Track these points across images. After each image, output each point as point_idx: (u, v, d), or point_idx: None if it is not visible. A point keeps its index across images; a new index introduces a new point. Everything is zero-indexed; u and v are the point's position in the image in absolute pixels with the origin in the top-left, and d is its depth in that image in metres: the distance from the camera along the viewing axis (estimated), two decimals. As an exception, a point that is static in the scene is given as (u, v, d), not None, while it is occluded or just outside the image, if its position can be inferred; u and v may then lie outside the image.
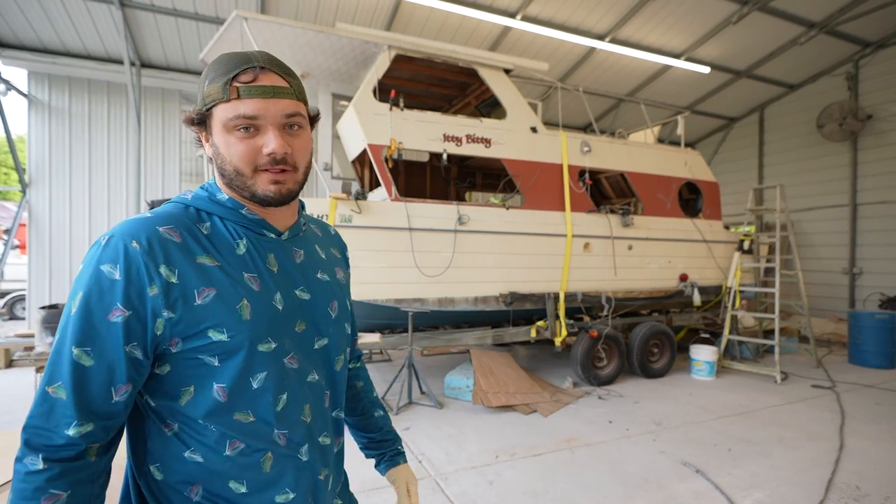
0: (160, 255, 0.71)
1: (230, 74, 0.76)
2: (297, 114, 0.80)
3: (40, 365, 3.94)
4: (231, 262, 0.79)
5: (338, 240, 1.08)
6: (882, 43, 8.27)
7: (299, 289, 0.87)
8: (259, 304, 0.78)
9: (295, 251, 0.89)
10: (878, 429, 3.97)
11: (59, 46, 6.66)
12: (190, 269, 0.74)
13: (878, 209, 8.41)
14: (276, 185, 0.79)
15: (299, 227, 0.92)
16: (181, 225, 0.77)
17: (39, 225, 6.98)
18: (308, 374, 0.86)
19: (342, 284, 0.99)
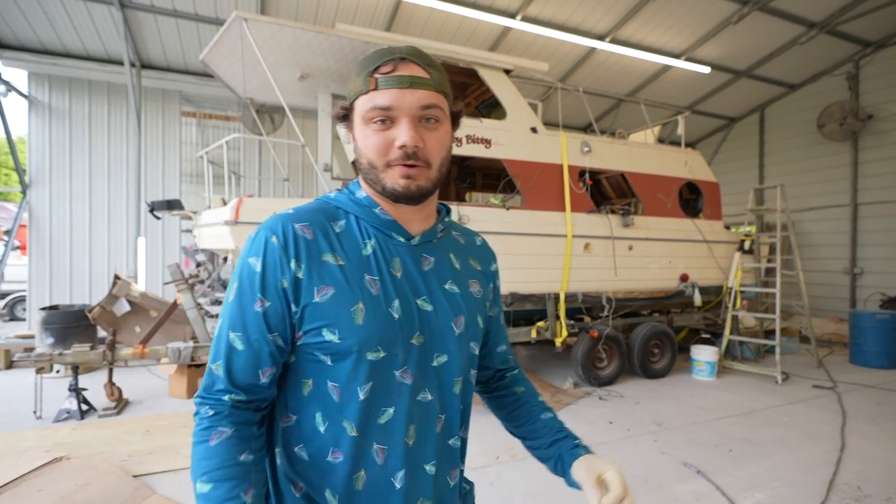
0: (292, 251, 0.75)
1: (371, 67, 0.75)
2: (434, 105, 0.76)
3: (41, 366, 3.93)
4: (354, 263, 0.78)
5: (483, 251, 0.98)
6: (882, 43, 8.26)
7: (421, 298, 0.81)
8: (374, 310, 0.76)
9: (424, 258, 0.84)
10: (879, 429, 3.96)
11: (60, 47, 6.66)
12: (314, 265, 0.76)
13: (879, 209, 8.40)
14: (406, 181, 0.75)
15: (434, 232, 0.86)
16: (316, 222, 0.79)
17: (40, 226, 6.98)
18: (420, 392, 0.80)
19: (475, 299, 0.89)
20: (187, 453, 3.27)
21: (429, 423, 0.81)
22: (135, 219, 7.14)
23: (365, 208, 0.82)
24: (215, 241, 4.50)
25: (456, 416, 0.86)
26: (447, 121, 0.80)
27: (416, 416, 0.79)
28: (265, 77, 5.04)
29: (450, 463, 0.86)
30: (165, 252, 7.62)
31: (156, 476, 2.98)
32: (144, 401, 4.49)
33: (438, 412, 0.82)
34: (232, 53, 4.85)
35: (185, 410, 4.21)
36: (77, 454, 3.21)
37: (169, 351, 4.17)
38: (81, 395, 4.05)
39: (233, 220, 4.15)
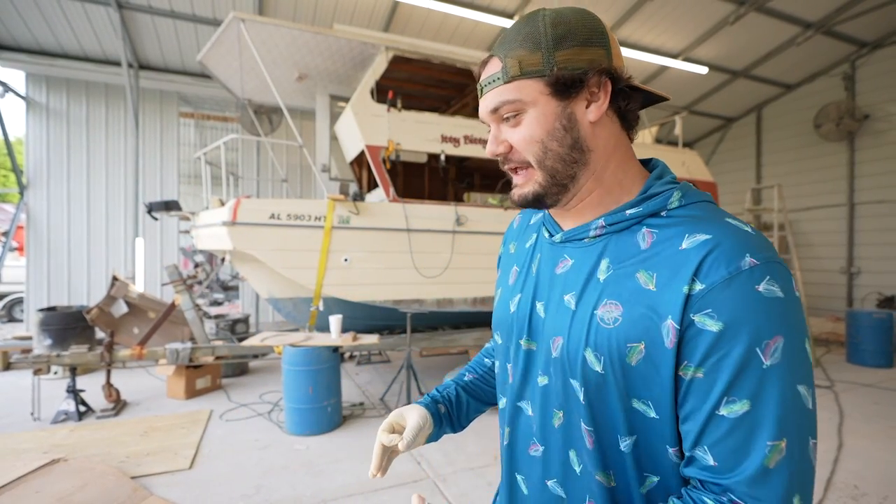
0: (506, 236, 0.91)
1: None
2: (504, 102, 0.65)
3: (38, 367, 3.93)
4: (518, 252, 0.83)
5: (677, 260, 0.58)
6: (878, 43, 8.29)
7: (541, 302, 0.71)
8: (502, 297, 0.81)
9: (563, 259, 0.70)
10: (876, 428, 3.98)
11: (57, 48, 6.65)
12: (507, 250, 0.88)
13: (876, 209, 8.43)
14: (514, 189, 0.70)
15: (585, 230, 0.68)
16: (526, 213, 0.89)
17: (37, 227, 6.97)
18: (520, 400, 0.74)
19: (596, 326, 0.62)
20: (185, 454, 3.27)
21: (523, 438, 0.74)
22: (133, 220, 7.14)
23: None
24: (213, 242, 4.50)
25: (557, 457, 0.69)
26: (537, 105, 0.64)
27: (515, 422, 0.76)
28: (263, 78, 5.04)
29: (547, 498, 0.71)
30: (163, 253, 7.61)
31: (154, 477, 2.98)
32: (142, 402, 4.48)
33: (534, 434, 0.72)
34: (230, 54, 4.86)
35: (183, 412, 4.21)
36: (75, 455, 3.21)
37: (167, 352, 4.16)
38: (79, 397, 4.05)
39: (231, 220, 4.14)
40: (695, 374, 0.55)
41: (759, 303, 0.53)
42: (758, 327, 0.52)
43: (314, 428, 3.69)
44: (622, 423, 0.61)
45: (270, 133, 6.49)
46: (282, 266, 4.34)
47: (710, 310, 0.54)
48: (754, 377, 0.52)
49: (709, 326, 0.54)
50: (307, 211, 4.38)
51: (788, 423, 0.52)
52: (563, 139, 0.64)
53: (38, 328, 5.15)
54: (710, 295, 0.54)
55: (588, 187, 0.67)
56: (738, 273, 0.54)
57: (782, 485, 0.51)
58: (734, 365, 0.53)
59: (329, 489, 2.86)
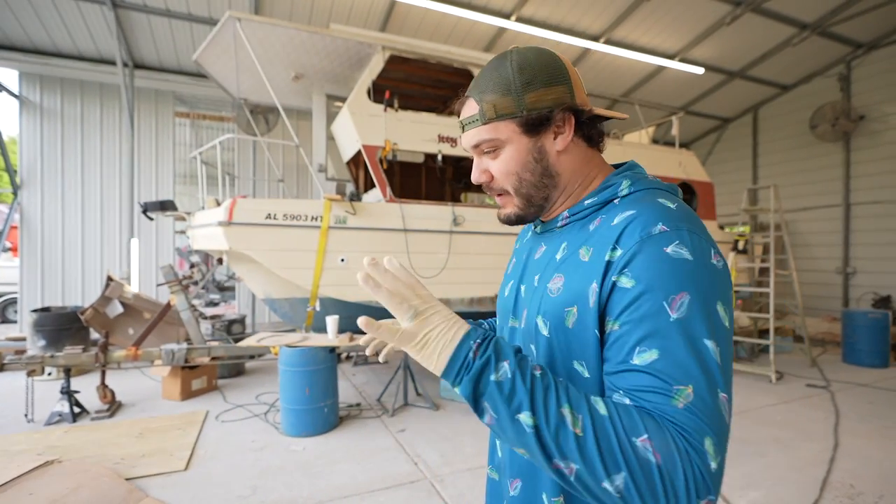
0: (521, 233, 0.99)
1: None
2: (481, 141, 0.76)
3: (32, 368, 3.89)
4: (519, 246, 0.94)
5: (608, 232, 0.66)
6: (874, 44, 8.33)
7: (524, 285, 0.83)
8: (503, 287, 0.91)
9: (540, 246, 0.83)
10: (871, 427, 3.99)
11: (51, 47, 6.61)
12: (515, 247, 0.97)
13: (871, 209, 8.46)
14: (498, 210, 0.82)
15: (556, 220, 0.80)
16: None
17: (31, 227, 6.92)
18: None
19: (545, 297, 0.72)
20: (181, 455, 3.25)
21: None
22: (128, 220, 7.10)
23: None
24: (209, 242, 4.47)
25: None
26: (512, 142, 0.74)
27: None
28: (259, 77, 5.02)
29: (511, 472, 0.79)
30: (159, 253, 7.57)
31: (149, 479, 2.96)
32: (137, 403, 4.46)
33: None
34: (226, 53, 4.83)
35: (178, 413, 4.18)
36: (69, 457, 3.18)
37: (162, 353, 4.14)
38: (73, 398, 4.02)
39: (227, 220, 4.12)
40: (612, 328, 0.62)
41: (665, 262, 0.59)
42: (665, 284, 0.59)
43: (311, 429, 3.67)
44: (573, 383, 0.67)
45: (267, 133, 6.47)
46: (278, 266, 4.33)
47: (626, 270, 0.61)
48: (660, 328, 0.58)
49: (624, 284, 0.61)
50: (304, 211, 4.37)
51: (694, 372, 0.56)
52: (535, 169, 0.75)
53: (31, 329, 5.11)
54: (626, 258, 0.62)
55: (560, 200, 0.79)
56: (649, 237, 0.61)
57: (692, 424, 0.54)
58: (644, 317, 0.59)
59: (326, 490, 2.84)
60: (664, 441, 0.53)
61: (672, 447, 0.53)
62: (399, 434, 3.73)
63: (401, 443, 3.56)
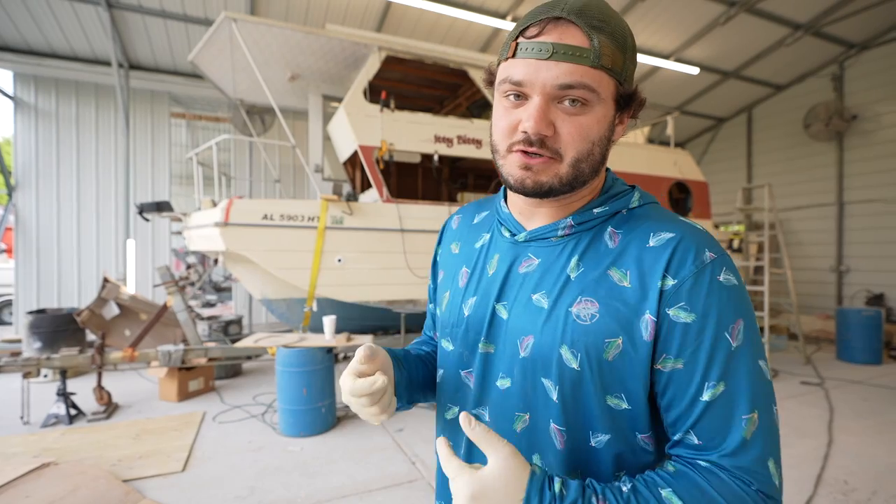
0: (442, 237, 0.88)
1: (520, 27, 0.61)
2: (581, 85, 0.58)
3: (28, 370, 3.88)
4: (464, 253, 0.80)
5: (649, 257, 0.61)
6: (866, 44, 8.39)
7: (502, 303, 0.69)
8: (452, 301, 0.76)
9: (527, 258, 0.69)
10: (865, 424, 4.02)
11: (46, 48, 6.58)
12: (446, 252, 0.85)
13: (864, 208, 8.53)
14: (522, 172, 0.61)
15: (553, 228, 0.67)
16: (467, 213, 0.86)
17: (26, 229, 6.89)
18: (479, 407, 0.70)
19: (573, 323, 0.62)
20: (178, 457, 3.25)
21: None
22: (124, 221, 7.08)
23: (498, 201, 0.78)
24: (206, 243, 4.47)
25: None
26: (604, 105, 0.61)
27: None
28: (255, 78, 5.02)
29: None
30: (155, 254, 7.55)
31: (146, 480, 2.96)
32: (134, 405, 4.45)
33: None
34: (221, 54, 4.83)
35: (175, 414, 4.18)
36: (65, 459, 3.17)
37: (159, 354, 4.13)
38: (70, 400, 4.00)
39: (223, 221, 4.12)
40: (674, 366, 0.58)
41: (722, 292, 0.58)
42: (723, 314, 0.57)
43: (308, 429, 3.67)
44: (596, 420, 0.62)
45: (263, 133, 6.47)
46: (275, 267, 4.33)
47: (683, 303, 0.58)
48: (725, 360, 0.57)
49: (683, 318, 0.58)
50: (300, 211, 4.37)
51: (758, 397, 0.57)
52: (604, 148, 0.64)
53: (27, 331, 5.09)
54: (681, 289, 0.58)
55: (581, 194, 0.67)
56: (703, 266, 0.59)
57: (759, 452, 0.56)
58: (708, 351, 0.57)
59: (323, 490, 2.85)
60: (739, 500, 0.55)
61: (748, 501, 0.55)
62: (397, 434, 3.74)
63: (398, 443, 3.57)
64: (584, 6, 0.59)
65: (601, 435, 0.62)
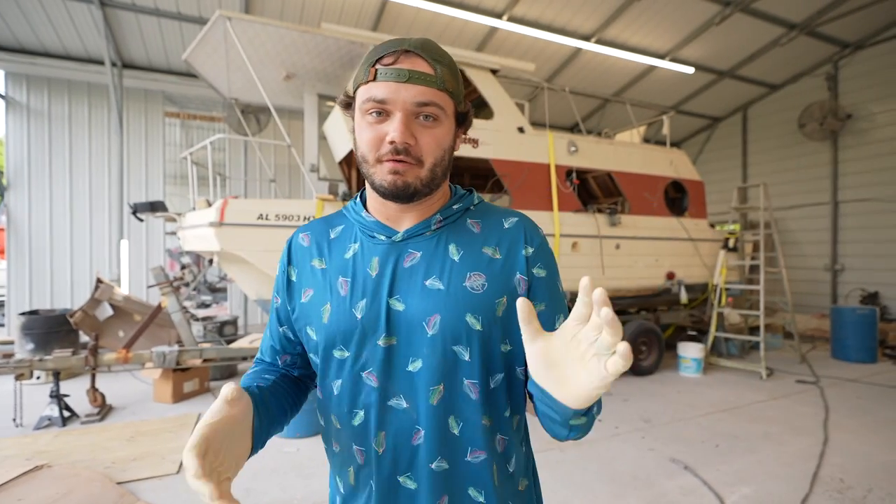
0: (292, 257, 0.87)
1: (375, 57, 0.74)
2: (432, 103, 0.73)
3: (20, 372, 3.84)
4: (335, 266, 0.82)
5: (512, 233, 0.82)
6: (860, 44, 8.44)
7: (395, 297, 0.77)
8: (338, 310, 0.78)
9: (409, 254, 0.79)
10: (860, 422, 4.04)
11: (38, 46, 6.52)
12: (305, 270, 0.85)
13: (859, 207, 8.58)
14: (393, 176, 0.73)
15: (427, 224, 0.80)
16: (317, 230, 0.87)
17: (18, 229, 6.83)
18: (392, 398, 0.76)
19: (471, 294, 0.76)
20: (173, 459, 3.22)
21: (403, 434, 0.75)
22: (117, 221, 7.02)
23: (356, 213, 0.85)
24: (200, 244, 4.43)
25: (437, 431, 0.74)
26: (448, 120, 0.77)
27: (388, 423, 0.75)
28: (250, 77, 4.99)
29: (432, 488, 0.74)
30: (149, 255, 7.50)
31: (140, 482, 2.93)
32: (128, 406, 4.41)
33: (415, 423, 0.75)
34: (216, 53, 4.79)
35: (170, 415, 4.15)
36: (59, 462, 3.14)
37: (153, 355, 4.10)
38: (63, 402, 3.97)
39: (218, 221, 4.09)
40: (539, 308, 0.79)
41: (551, 253, 0.84)
42: (553, 267, 0.83)
43: (304, 430, 3.65)
44: (495, 364, 0.77)
45: (258, 133, 6.43)
46: (270, 267, 4.30)
47: (539, 263, 0.81)
48: (561, 298, 0.83)
49: (540, 274, 0.80)
50: (296, 211, 4.34)
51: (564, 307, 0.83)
52: (450, 156, 0.79)
53: (19, 332, 5.04)
54: (536, 254, 0.81)
55: (432, 195, 0.81)
56: (543, 238, 0.84)
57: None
58: (556, 294, 0.82)
59: (320, 491, 2.83)
60: None
61: None
62: (393, 434, 3.73)
63: (395, 443, 3.56)
64: (425, 44, 0.75)
65: (498, 375, 0.78)
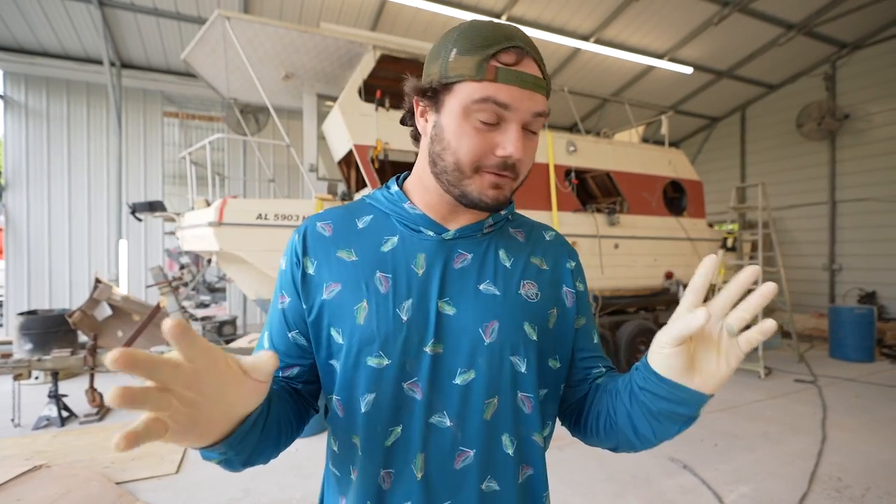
0: (309, 247, 0.73)
1: (490, 50, 0.63)
2: (545, 115, 0.67)
3: (18, 372, 3.84)
4: (369, 259, 0.71)
5: (554, 246, 0.81)
6: (858, 44, 8.46)
7: (444, 300, 0.69)
8: (378, 309, 0.67)
9: (459, 254, 0.72)
10: (858, 421, 4.05)
11: (36, 46, 6.51)
12: (327, 262, 0.71)
13: (856, 206, 8.60)
14: (496, 191, 0.67)
15: (480, 226, 0.74)
16: (338, 218, 0.76)
17: (17, 229, 6.81)
18: (434, 414, 0.66)
19: (527, 303, 0.72)
20: (172, 459, 3.22)
21: (444, 456, 0.66)
22: (116, 221, 7.01)
23: (394, 203, 0.75)
24: (199, 243, 4.43)
25: (488, 451, 0.67)
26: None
27: (430, 444, 0.66)
28: (249, 77, 4.99)
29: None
30: (148, 254, 7.50)
31: (139, 482, 2.93)
32: (127, 406, 4.40)
33: (459, 443, 0.66)
34: (215, 53, 4.79)
35: (169, 415, 4.14)
36: (57, 462, 3.14)
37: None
38: (62, 402, 3.96)
39: (217, 221, 4.09)
40: (580, 322, 0.79)
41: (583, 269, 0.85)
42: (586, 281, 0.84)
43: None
44: (542, 379, 0.73)
45: (257, 132, 6.43)
46: (269, 267, 4.30)
47: (579, 277, 0.81)
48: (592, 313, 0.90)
49: (581, 288, 0.80)
50: (295, 211, 4.34)
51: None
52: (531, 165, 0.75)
53: (18, 332, 5.03)
54: (576, 268, 0.81)
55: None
56: (577, 254, 0.84)
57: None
58: (591, 309, 0.83)
59: (318, 491, 2.83)
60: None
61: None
62: (392, 434, 3.73)
63: (394, 442, 3.56)
64: (529, 41, 0.67)
65: (544, 389, 0.74)
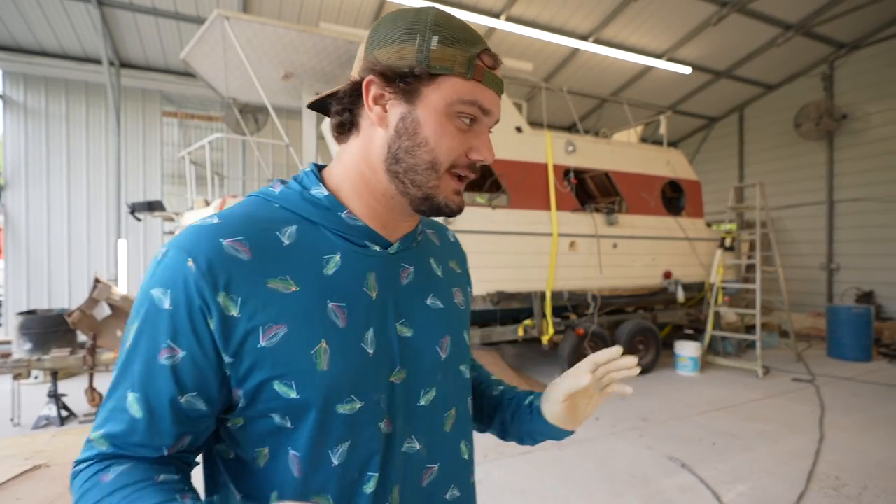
0: (221, 278, 0.53)
1: (475, 49, 0.58)
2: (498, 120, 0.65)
3: (18, 372, 3.84)
4: (313, 287, 0.57)
5: (457, 248, 0.80)
6: (856, 44, 8.48)
7: (401, 322, 0.63)
8: (342, 348, 0.57)
9: (403, 269, 0.65)
10: (855, 420, 4.07)
11: (35, 46, 6.50)
12: (256, 297, 0.54)
13: (854, 206, 8.62)
14: (457, 197, 0.62)
15: (415, 235, 0.68)
16: (254, 233, 0.57)
17: (16, 229, 6.81)
18: (404, 442, 0.62)
19: (460, 311, 0.72)
20: (172, 458, 3.23)
21: (413, 479, 0.63)
22: (115, 221, 7.01)
23: (325, 211, 0.60)
24: (198, 243, 4.43)
25: (450, 461, 0.68)
26: None
27: (400, 474, 0.62)
28: (248, 76, 4.99)
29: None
30: (147, 254, 7.49)
31: (139, 482, 2.93)
32: (127, 406, 4.40)
33: (426, 461, 0.65)
34: (214, 52, 4.79)
35: (168, 415, 4.14)
36: (57, 462, 3.14)
37: (152, 355, 4.09)
38: (61, 402, 3.96)
39: (216, 221, 4.09)
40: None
41: None
42: None
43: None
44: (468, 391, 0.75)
45: (256, 132, 6.42)
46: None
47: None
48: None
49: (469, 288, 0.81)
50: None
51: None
52: None
53: (17, 332, 5.02)
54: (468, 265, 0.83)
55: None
56: None
57: None
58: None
59: (319, 490, 2.84)
60: None
61: None
62: (392, 433, 3.73)
63: (394, 442, 3.56)
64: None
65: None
